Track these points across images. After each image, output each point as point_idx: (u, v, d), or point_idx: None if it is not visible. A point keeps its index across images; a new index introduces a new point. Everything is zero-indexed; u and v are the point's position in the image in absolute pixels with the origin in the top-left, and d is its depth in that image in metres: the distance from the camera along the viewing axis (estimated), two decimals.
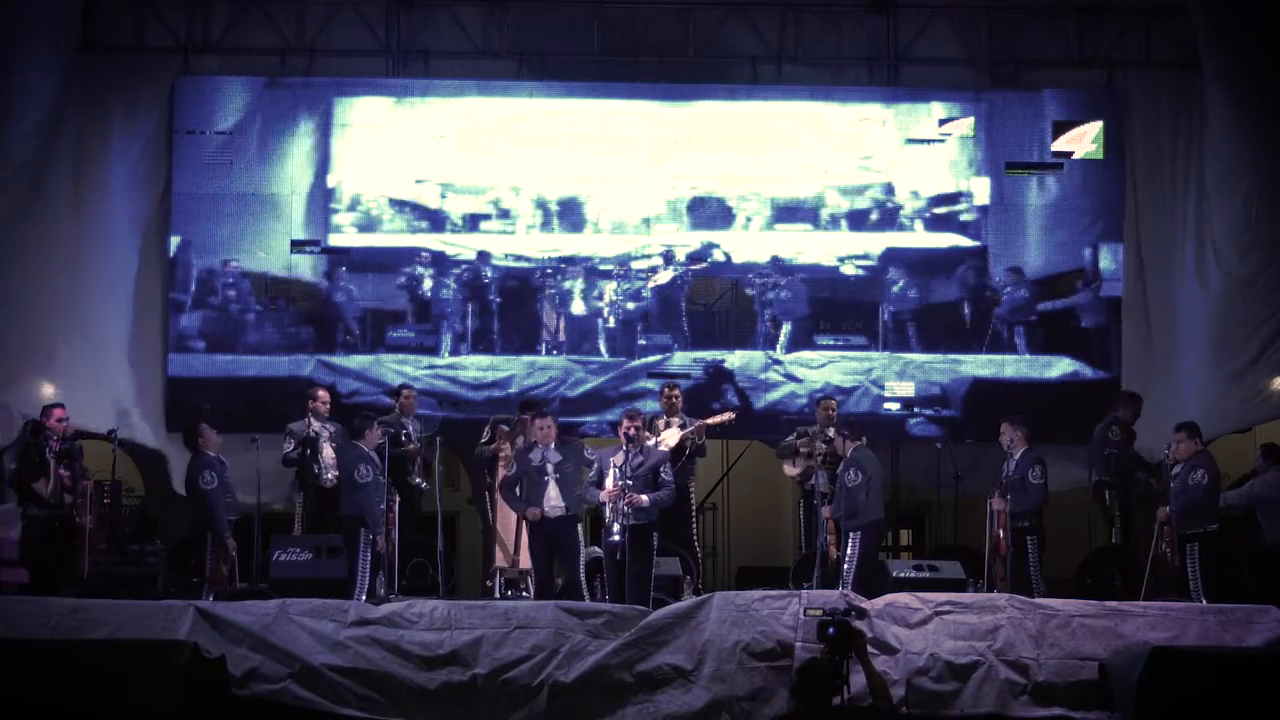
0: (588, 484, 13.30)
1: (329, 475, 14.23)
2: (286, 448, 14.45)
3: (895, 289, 16.72)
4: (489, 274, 16.63)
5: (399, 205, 16.68)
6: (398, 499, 13.81)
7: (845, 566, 13.44)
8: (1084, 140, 16.73)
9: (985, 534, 13.78)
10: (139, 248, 16.45)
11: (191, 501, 13.93)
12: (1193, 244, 16.63)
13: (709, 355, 16.66)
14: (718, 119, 16.81)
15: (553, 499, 13.26)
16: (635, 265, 16.68)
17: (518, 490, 13.43)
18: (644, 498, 12.92)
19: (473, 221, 16.71)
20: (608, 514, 13.02)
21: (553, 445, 13.41)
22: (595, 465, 13.30)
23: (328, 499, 14.23)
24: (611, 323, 16.65)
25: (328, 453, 14.32)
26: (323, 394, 14.80)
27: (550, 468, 13.30)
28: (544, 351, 16.60)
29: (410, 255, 16.62)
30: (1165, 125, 16.76)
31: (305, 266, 16.59)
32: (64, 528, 13.70)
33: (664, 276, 16.67)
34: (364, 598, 12.86)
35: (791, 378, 16.64)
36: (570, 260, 16.66)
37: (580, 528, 13.48)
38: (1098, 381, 16.54)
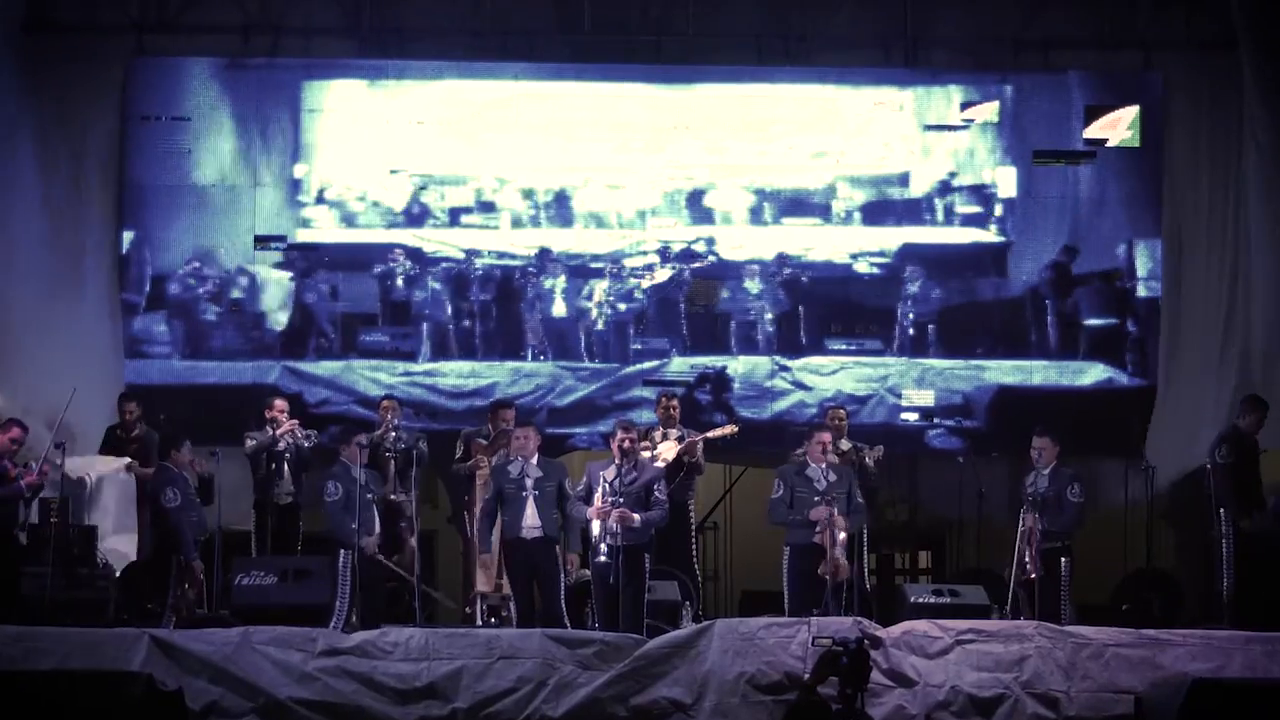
0: (575, 499, 13.14)
1: (286, 491, 14.32)
2: (249, 443, 14.47)
3: (913, 289, 16.65)
4: (471, 273, 16.54)
5: (373, 198, 16.57)
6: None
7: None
8: (1119, 127, 16.63)
9: (1012, 555, 13.69)
10: (89, 244, 16.35)
11: (151, 521, 13.85)
12: (1237, 240, 16.57)
13: (710, 361, 16.57)
14: (719, 104, 16.72)
15: (530, 519, 13.05)
16: (629, 263, 16.60)
17: (494, 517, 13.27)
18: (636, 516, 12.78)
19: (453, 216, 16.62)
20: (595, 533, 12.84)
21: (534, 459, 13.21)
22: (584, 479, 13.14)
23: (288, 516, 14.21)
24: (602, 325, 16.57)
25: (286, 468, 14.37)
26: (280, 403, 14.75)
27: (530, 483, 13.08)
28: (530, 357, 16.51)
29: (385, 252, 16.50)
30: (1208, 111, 16.68)
31: (270, 264, 16.48)
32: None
33: (660, 275, 16.61)
34: (342, 626, 12.75)
35: (800, 385, 16.56)
36: (558, 257, 16.56)
37: (559, 549, 13.30)
38: (1134, 389, 16.49)
